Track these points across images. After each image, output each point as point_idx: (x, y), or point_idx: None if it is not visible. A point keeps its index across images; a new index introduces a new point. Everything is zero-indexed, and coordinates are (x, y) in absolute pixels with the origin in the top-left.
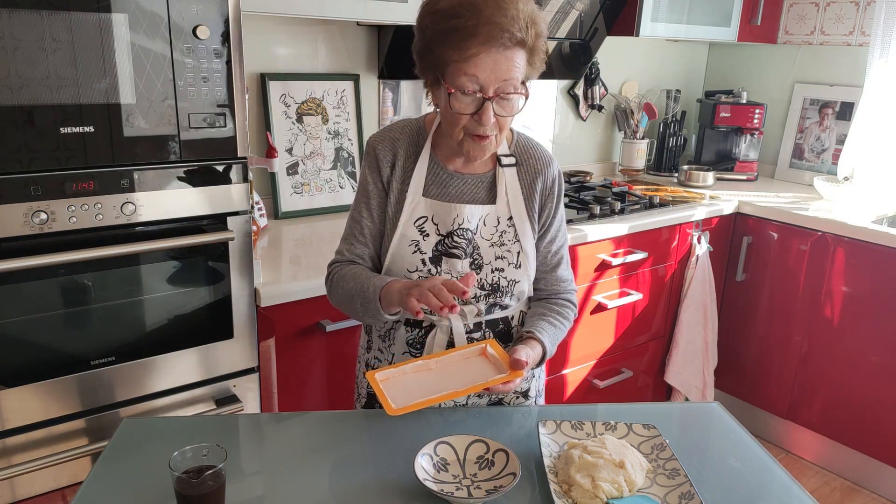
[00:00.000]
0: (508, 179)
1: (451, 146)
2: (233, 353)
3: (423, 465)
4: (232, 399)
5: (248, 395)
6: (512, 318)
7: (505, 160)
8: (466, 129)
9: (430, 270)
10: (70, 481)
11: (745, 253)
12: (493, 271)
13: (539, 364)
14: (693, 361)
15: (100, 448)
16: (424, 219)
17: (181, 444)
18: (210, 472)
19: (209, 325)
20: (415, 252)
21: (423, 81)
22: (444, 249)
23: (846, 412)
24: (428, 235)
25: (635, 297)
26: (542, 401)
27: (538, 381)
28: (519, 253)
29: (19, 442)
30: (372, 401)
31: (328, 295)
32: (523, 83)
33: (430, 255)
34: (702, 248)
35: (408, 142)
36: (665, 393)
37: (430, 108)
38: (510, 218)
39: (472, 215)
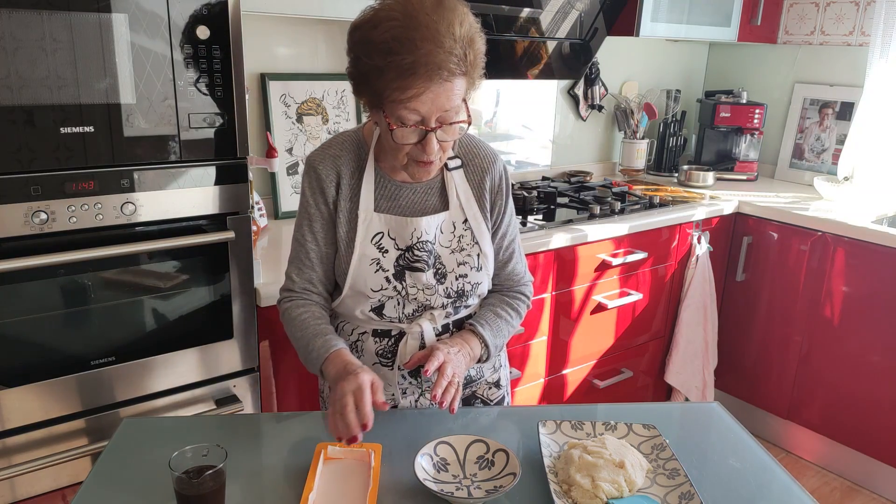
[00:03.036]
0: (458, 182)
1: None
2: (233, 353)
3: (423, 465)
4: (232, 399)
5: (248, 395)
6: (474, 314)
7: (451, 163)
8: (410, 155)
9: (395, 287)
10: (70, 481)
11: (745, 253)
12: (457, 278)
13: (486, 357)
14: (693, 361)
15: (100, 448)
16: (381, 234)
17: (181, 444)
18: (210, 472)
19: (209, 325)
20: (377, 271)
21: (360, 99)
22: (406, 264)
23: (846, 412)
24: (387, 252)
25: (635, 297)
26: (509, 396)
27: (505, 370)
28: (479, 255)
29: (19, 442)
30: None
31: (281, 321)
32: (464, 101)
33: (393, 271)
34: (702, 248)
35: (349, 158)
36: (665, 393)
37: None
38: (465, 221)
39: (430, 226)
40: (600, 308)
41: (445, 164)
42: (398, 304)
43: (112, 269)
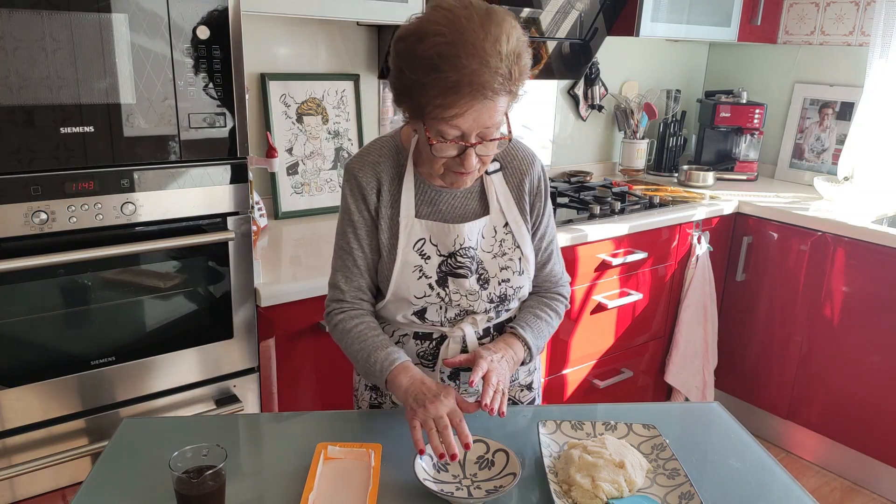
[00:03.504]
0: (497, 186)
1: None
2: (233, 353)
3: (423, 465)
4: (232, 399)
5: (248, 395)
6: (514, 317)
7: (490, 167)
8: (448, 166)
9: (438, 294)
10: (70, 481)
11: (745, 253)
12: (499, 283)
13: (529, 359)
14: (693, 361)
15: (100, 448)
16: (423, 241)
17: (181, 444)
18: (210, 472)
19: (209, 325)
20: (420, 277)
21: (399, 108)
22: (449, 270)
23: (846, 412)
24: (429, 258)
25: (635, 297)
26: (539, 398)
27: (538, 373)
28: (520, 259)
29: (19, 442)
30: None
31: (329, 332)
32: (505, 114)
33: (436, 277)
34: (702, 248)
35: (388, 164)
36: (665, 393)
37: None
38: (506, 224)
39: (472, 232)
40: (600, 308)
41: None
42: (440, 308)
43: (112, 269)
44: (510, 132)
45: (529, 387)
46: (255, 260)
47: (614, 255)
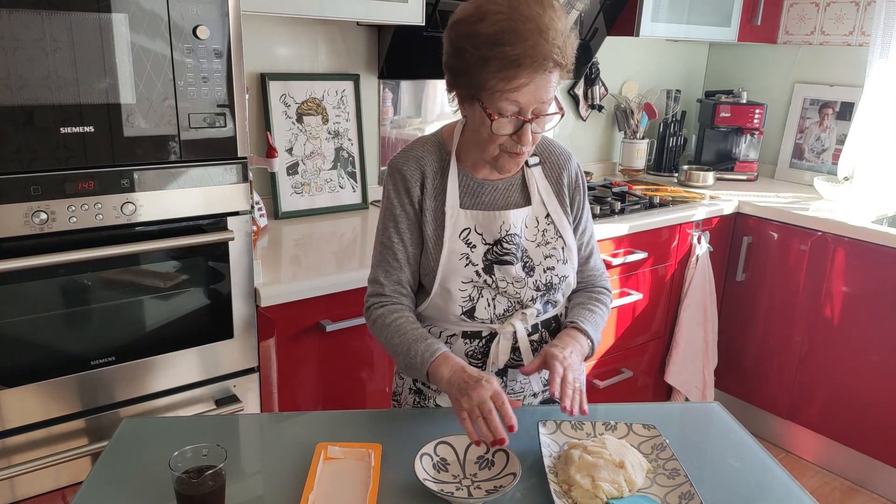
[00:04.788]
0: (537, 178)
1: (476, 156)
2: (233, 353)
3: (423, 465)
4: (232, 399)
5: (248, 395)
6: (559, 314)
7: (530, 160)
8: (503, 146)
9: (485, 280)
10: (70, 481)
11: (745, 253)
12: (545, 271)
13: (590, 352)
14: (693, 361)
15: (100, 448)
16: (468, 230)
17: (181, 444)
18: (210, 472)
19: (209, 325)
20: (467, 265)
21: (451, 92)
22: (495, 257)
23: (846, 412)
24: (475, 247)
25: (635, 297)
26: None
27: (582, 373)
28: (563, 248)
29: (19, 442)
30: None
31: (369, 328)
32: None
33: (482, 265)
34: (702, 248)
35: (432, 158)
36: (665, 393)
37: (439, 110)
38: (547, 215)
39: (517, 219)
40: None
41: (525, 161)
42: (488, 304)
43: (112, 269)
44: (561, 108)
45: None
46: (255, 260)
47: (614, 255)
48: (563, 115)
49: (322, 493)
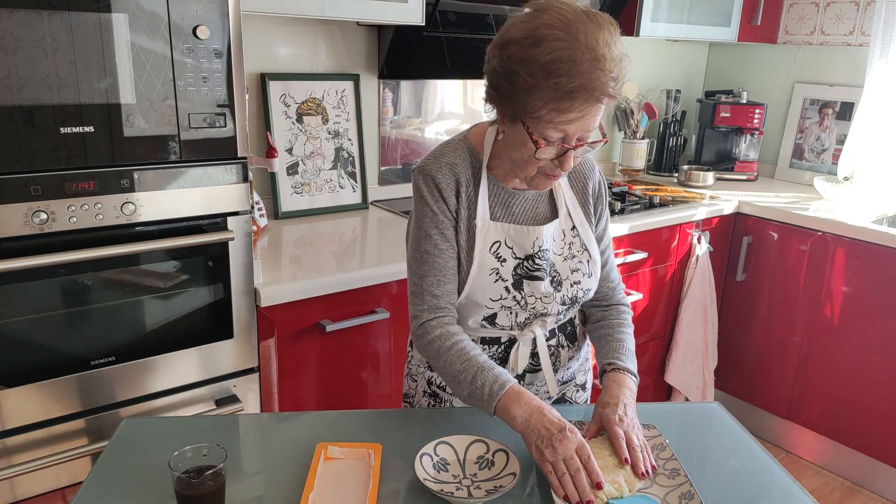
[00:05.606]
0: (564, 189)
1: (508, 167)
2: (233, 353)
3: (423, 465)
4: (232, 399)
5: (248, 395)
6: (574, 317)
7: None
8: (542, 168)
9: (514, 297)
10: (70, 481)
11: (745, 253)
12: (571, 285)
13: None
14: (693, 361)
15: (100, 448)
16: (498, 243)
17: (181, 444)
18: (210, 472)
19: (209, 325)
20: (496, 280)
21: (493, 108)
22: (525, 273)
23: (846, 412)
24: (505, 261)
25: (635, 297)
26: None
27: (590, 374)
28: (588, 261)
29: (19, 442)
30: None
31: (420, 346)
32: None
33: (512, 280)
34: (702, 248)
35: (465, 165)
36: (665, 393)
37: (439, 110)
38: (573, 228)
39: (548, 234)
40: None
41: None
42: (510, 312)
43: (112, 269)
44: (605, 135)
45: (583, 387)
46: (255, 260)
47: (615, 255)
48: (606, 142)
49: (322, 494)
